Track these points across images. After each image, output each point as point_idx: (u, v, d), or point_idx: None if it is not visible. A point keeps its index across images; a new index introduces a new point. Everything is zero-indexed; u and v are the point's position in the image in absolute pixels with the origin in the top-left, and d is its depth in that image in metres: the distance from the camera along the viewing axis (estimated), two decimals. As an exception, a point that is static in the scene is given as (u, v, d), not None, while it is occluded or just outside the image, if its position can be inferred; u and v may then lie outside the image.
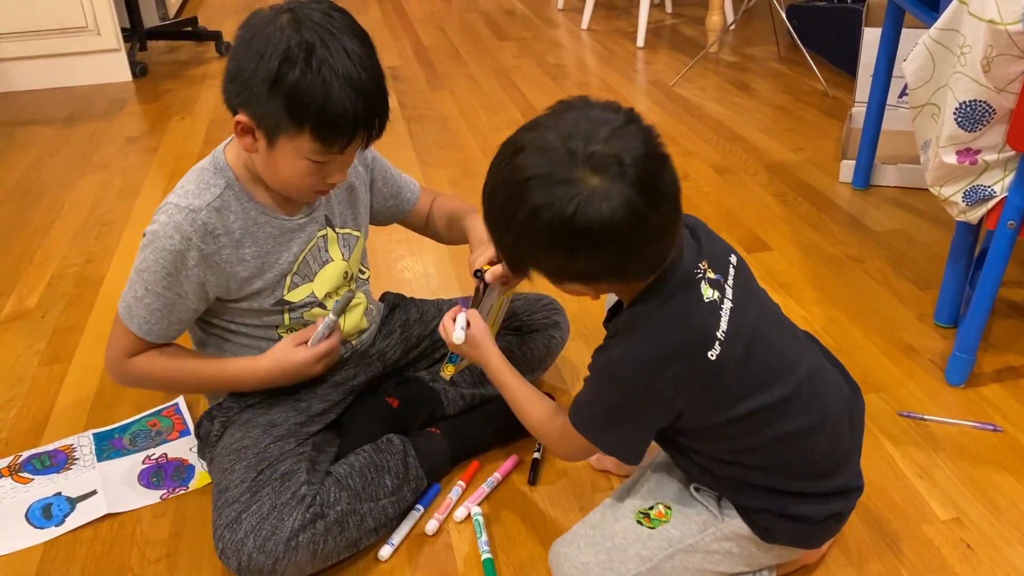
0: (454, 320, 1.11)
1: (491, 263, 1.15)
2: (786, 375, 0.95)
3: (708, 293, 0.90)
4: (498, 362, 1.10)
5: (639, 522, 1.02)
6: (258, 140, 1.08)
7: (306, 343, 1.21)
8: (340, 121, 1.04)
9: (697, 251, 0.93)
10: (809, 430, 0.97)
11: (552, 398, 1.37)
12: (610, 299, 1.15)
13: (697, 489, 1.03)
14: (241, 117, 1.07)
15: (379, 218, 1.40)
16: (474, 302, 1.17)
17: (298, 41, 1.02)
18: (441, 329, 1.13)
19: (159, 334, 1.17)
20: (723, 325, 0.89)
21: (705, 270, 0.91)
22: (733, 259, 0.97)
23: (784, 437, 0.95)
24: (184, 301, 1.15)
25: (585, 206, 0.79)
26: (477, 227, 1.30)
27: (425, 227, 1.45)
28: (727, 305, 0.91)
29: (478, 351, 1.11)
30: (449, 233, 1.41)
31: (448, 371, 1.19)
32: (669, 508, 1.02)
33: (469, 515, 1.22)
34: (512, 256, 0.90)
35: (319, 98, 1.02)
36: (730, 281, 0.93)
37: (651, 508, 1.03)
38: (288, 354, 1.21)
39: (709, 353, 0.88)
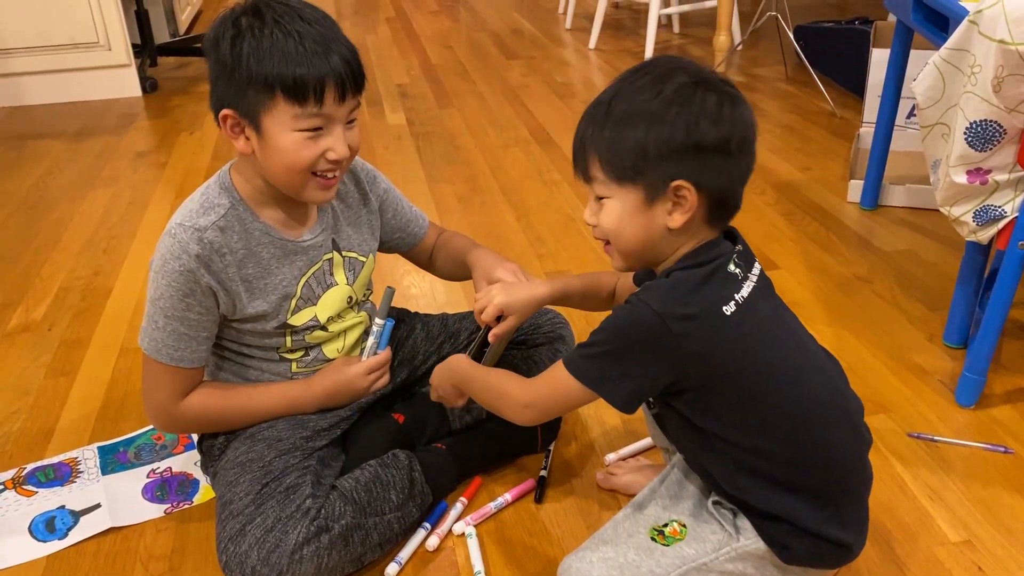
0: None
1: (498, 318, 1.17)
2: (804, 359, 0.98)
3: (732, 267, 0.94)
4: (469, 369, 1.13)
5: (653, 539, 1.01)
6: (250, 137, 1.09)
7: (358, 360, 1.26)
8: (305, 75, 1.04)
9: (732, 243, 0.97)
10: (828, 418, 0.97)
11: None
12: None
13: (716, 503, 1.02)
14: (224, 112, 1.08)
15: (384, 247, 1.39)
16: (474, 348, 1.20)
17: (246, 16, 1.05)
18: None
19: (192, 358, 1.16)
20: (743, 292, 0.93)
21: (736, 253, 0.95)
22: (756, 262, 0.99)
23: (803, 416, 0.96)
24: (207, 316, 1.15)
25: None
26: (480, 262, 1.30)
27: (429, 262, 1.44)
28: (750, 282, 0.95)
29: (455, 379, 1.15)
30: (451, 270, 1.41)
31: None
32: (684, 526, 1.01)
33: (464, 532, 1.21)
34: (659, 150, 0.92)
35: (276, 56, 1.03)
36: (754, 271, 0.97)
37: (665, 525, 1.02)
38: (340, 370, 1.25)
39: (724, 308, 0.91)
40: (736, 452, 0.97)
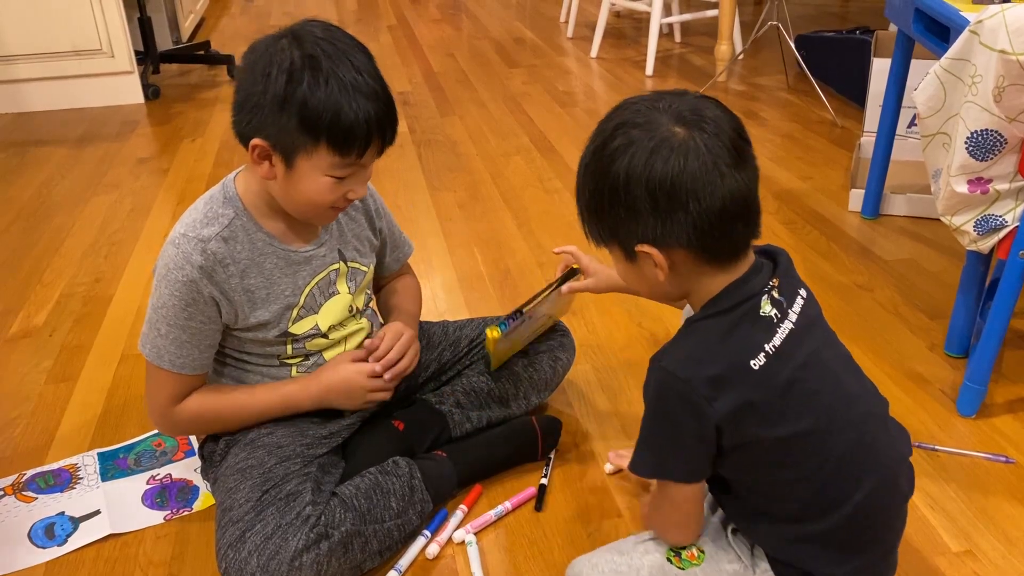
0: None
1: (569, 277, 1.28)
2: (842, 407, 0.92)
3: (766, 308, 0.90)
4: None
5: (669, 560, 0.99)
6: (275, 165, 1.09)
7: (359, 360, 1.24)
8: (354, 129, 1.04)
9: (771, 272, 0.92)
10: (861, 472, 0.92)
11: (559, 423, 1.37)
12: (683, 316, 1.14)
13: (735, 532, 1.00)
14: (257, 141, 1.07)
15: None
16: (556, 284, 1.28)
17: (301, 55, 1.03)
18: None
19: (195, 365, 1.17)
20: (775, 341, 0.89)
21: (772, 288, 0.91)
22: (803, 292, 0.95)
23: (833, 471, 0.91)
24: (209, 325, 1.15)
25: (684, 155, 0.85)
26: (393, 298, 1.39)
27: (377, 289, 1.43)
28: (786, 326, 0.90)
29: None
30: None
31: (494, 333, 1.24)
32: (702, 552, 1.00)
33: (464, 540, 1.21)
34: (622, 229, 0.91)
35: (330, 109, 1.03)
36: (796, 308, 0.92)
37: (684, 548, 1.00)
38: (338, 368, 1.23)
39: (752, 362, 0.87)
40: (759, 500, 0.96)
